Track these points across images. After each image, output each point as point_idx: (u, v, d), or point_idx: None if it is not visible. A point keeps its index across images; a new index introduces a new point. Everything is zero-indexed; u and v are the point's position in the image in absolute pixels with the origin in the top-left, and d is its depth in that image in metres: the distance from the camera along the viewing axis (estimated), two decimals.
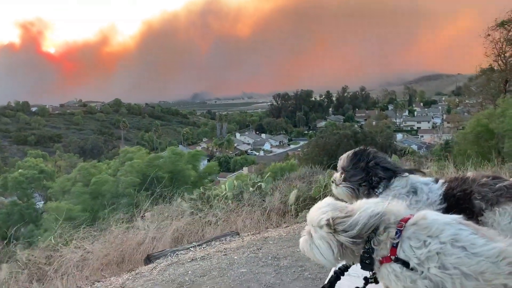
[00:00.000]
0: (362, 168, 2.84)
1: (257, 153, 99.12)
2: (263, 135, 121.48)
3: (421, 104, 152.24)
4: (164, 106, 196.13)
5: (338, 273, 2.36)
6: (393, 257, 1.94)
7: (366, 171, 2.82)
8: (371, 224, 1.99)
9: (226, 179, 12.08)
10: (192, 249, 5.11)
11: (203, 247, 5.17)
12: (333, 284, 2.38)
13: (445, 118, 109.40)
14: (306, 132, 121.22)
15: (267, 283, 3.65)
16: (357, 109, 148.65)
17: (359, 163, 2.85)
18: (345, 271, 2.35)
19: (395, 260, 1.93)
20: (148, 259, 4.96)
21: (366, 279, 2.23)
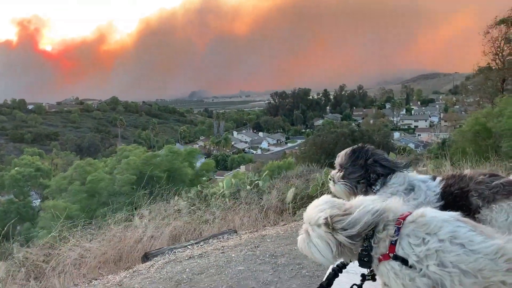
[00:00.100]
0: (361, 166, 2.83)
1: (255, 152, 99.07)
2: (261, 134, 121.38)
3: (419, 103, 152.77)
4: (162, 104, 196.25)
5: (336, 270, 2.35)
6: (392, 255, 1.93)
7: (365, 169, 2.82)
8: (371, 222, 1.99)
9: (224, 178, 12.06)
10: (190, 247, 5.11)
11: (201, 245, 5.17)
12: (331, 282, 2.37)
13: (442, 117, 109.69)
14: (304, 131, 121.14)
15: (265, 281, 3.65)
16: (355, 108, 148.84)
17: (358, 161, 2.85)
18: (343, 268, 2.34)
19: (394, 258, 1.93)
20: (146, 257, 4.95)
21: (364, 276, 2.23)
